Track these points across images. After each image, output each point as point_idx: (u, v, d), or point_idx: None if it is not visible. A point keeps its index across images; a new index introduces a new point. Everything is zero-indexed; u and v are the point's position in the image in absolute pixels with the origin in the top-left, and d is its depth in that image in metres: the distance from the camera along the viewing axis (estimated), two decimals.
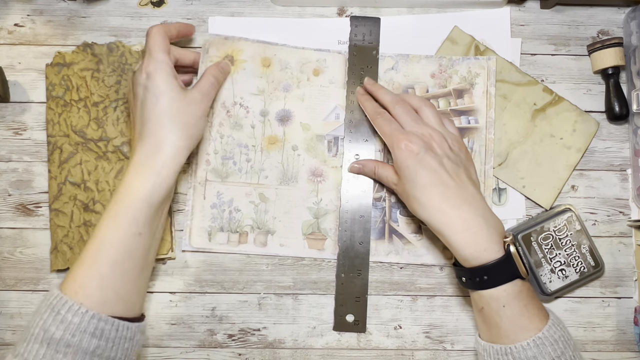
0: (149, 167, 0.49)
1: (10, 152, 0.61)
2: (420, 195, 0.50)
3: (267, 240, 0.59)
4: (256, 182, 0.60)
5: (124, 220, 0.48)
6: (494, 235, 0.49)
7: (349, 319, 0.59)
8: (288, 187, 0.60)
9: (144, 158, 0.50)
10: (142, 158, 0.50)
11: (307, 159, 0.60)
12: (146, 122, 0.50)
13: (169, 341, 0.59)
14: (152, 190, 0.49)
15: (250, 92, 0.60)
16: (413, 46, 0.62)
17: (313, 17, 0.63)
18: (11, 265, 0.60)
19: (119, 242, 0.48)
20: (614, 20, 0.63)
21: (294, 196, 0.59)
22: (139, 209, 0.48)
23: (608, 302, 0.60)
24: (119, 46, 0.60)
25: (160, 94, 0.50)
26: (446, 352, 0.59)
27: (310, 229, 0.59)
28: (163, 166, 0.50)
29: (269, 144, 0.60)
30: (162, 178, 0.49)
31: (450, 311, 0.60)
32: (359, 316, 0.59)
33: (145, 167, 0.49)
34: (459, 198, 0.50)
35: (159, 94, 0.50)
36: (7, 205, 0.60)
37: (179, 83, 0.52)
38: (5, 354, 0.58)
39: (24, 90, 0.61)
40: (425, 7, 0.63)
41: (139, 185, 0.49)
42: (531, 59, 0.63)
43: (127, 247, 0.48)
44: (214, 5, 0.63)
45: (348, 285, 0.59)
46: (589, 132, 0.61)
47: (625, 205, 0.61)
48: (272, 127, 0.60)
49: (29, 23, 0.62)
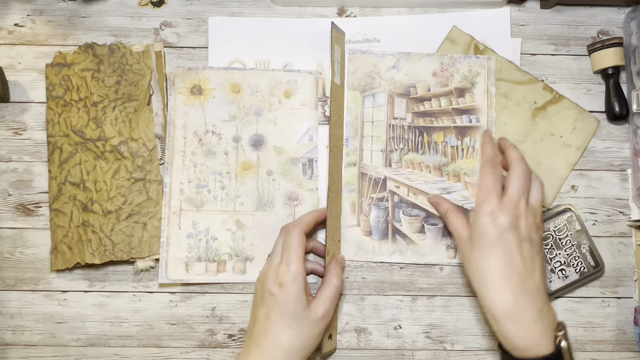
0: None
1: (10, 152, 0.61)
2: (485, 268, 0.48)
3: (246, 267, 0.59)
4: (232, 209, 0.59)
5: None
6: (547, 330, 0.47)
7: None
8: (264, 213, 0.59)
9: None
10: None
11: (283, 183, 0.60)
12: (263, 331, 0.50)
13: (169, 341, 0.59)
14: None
15: (222, 118, 0.60)
16: (413, 46, 0.62)
17: (313, 17, 0.63)
18: (11, 265, 0.60)
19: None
20: (614, 20, 0.63)
21: (271, 221, 0.59)
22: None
23: (608, 302, 0.60)
24: (120, 47, 0.60)
25: (287, 313, 0.50)
26: (446, 352, 0.59)
27: None
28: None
29: (243, 169, 0.60)
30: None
31: (450, 311, 0.60)
32: (332, 330, 0.58)
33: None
34: (522, 286, 0.48)
35: (285, 312, 0.50)
36: (7, 205, 0.60)
37: (307, 298, 0.51)
38: (5, 354, 0.58)
39: (24, 90, 0.61)
40: (425, 7, 0.63)
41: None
42: (531, 59, 0.63)
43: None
44: (214, 5, 0.63)
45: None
46: (589, 130, 0.61)
47: (625, 205, 0.61)
48: (246, 152, 0.60)
49: (29, 23, 0.62)
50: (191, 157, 0.60)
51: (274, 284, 0.50)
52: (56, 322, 0.59)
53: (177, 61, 0.62)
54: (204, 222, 0.59)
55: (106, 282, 0.60)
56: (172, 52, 0.62)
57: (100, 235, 0.57)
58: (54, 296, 0.59)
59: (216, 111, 0.60)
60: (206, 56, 0.62)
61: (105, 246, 0.57)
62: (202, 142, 0.60)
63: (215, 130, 0.60)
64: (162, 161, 0.60)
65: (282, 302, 0.50)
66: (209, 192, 0.59)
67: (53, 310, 0.59)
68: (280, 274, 0.51)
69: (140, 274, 0.60)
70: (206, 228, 0.59)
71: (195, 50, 0.62)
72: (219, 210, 0.59)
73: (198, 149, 0.60)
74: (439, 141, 0.61)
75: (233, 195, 0.59)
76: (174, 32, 0.62)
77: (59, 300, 0.59)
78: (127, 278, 0.60)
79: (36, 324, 0.59)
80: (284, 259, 0.51)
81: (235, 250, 0.59)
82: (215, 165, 0.60)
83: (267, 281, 0.51)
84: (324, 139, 0.61)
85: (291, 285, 0.50)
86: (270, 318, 0.50)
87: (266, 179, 0.60)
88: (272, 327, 0.50)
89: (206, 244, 0.59)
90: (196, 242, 0.59)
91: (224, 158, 0.60)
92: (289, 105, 0.61)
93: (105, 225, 0.57)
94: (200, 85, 0.60)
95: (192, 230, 0.59)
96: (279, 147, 0.60)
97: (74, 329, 0.59)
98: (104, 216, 0.58)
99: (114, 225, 0.58)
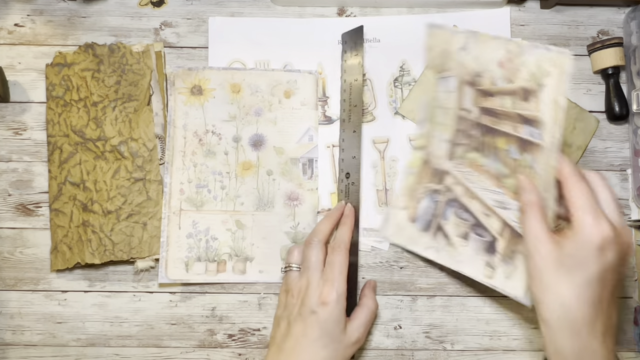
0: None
1: (10, 152, 0.61)
2: (568, 302, 0.42)
3: (246, 267, 0.59)
4: (232, 209, 0.59)
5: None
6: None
7: None
8: (264, 213, 0.59)
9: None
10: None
11: (283, 183, 0.60)
12: (298, 348, 0.50)
13: (169, 341, 0.59)
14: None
15: (222, 119, 0.60)
16: (413, 46, 0.62)
17: (313, 17, 0.63)
18: (11, 265, 0.60)
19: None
20: (614, 20, 0.63)
21: (271, 221, 0.59)
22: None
23: None
24: (120, 47, 0.60)
25: (325, 334, 0.50)
26: (446, 352, 0.59)
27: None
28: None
29: (243, 169, 0.60)
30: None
31: (450, 311, 0.60)
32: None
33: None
34: (603, 323, 0.43)
35: (324, 332, 0.50)
36: (7, 205, 0.60)
37: (345, 320, 0.51)
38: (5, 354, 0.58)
39: (24, 90, 0.61)
40: (425, 7, 0.63)
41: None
42: None
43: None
44: (214, 5, 0.63)
45: None
46: (589, 130, 0.61)
47: (625, 205, 0.61)
48: (246, 152, 0.60)
49: (29, 23, 0.62)
50: (191, 157, 0.60)
51: (316, 303, 0.50)
52: (56, 322, 0.59)
53: (177, 61, 0.62)
54: (204, 222, 0.59)
55: (106, 282, 0.60)
56: (172, 52, 0.62)
57: (100, 235, 0.57)
58: (54, 296, 0.59)
59: (216, 111, 0.60)
60: (206, 56, 0.62)
61: (105, 246, 0.57)
62: (202, 142, 0.60)
63: (215, 130, 0.60)
64: (162, 161, 0.60)
65: (324, 322, 0.49)
66: (209, 192, 0.59)
67: (53, 310, 0.59)
68: (324, 293, 0.50)
69: (140, 274, 0.60)
70: (206, 228, 0.59)
71: (195, 50, 0.62)
72: (219, 210, 0.59)
73: (198, 149, 0.60)
74: (501, 148, 0.51)
75: (233, 195, 0.59)
76: (174, 32, 0.62)
77: (59, 300, 0.59)
78: (127, 278, 0.60)
79: (36, 324, 0.59)
80: (329, 278, 0.51)
81: (235, 250, 0.59)
82: (215, 165, 0.60)
83: (309, 298, 0.50)
84: (324, 138, 0.61)
85: (334, 306, 0.50)
86: (308, 336, 0.50)
87: (266, 179, 0.60)
88: (309, 345, 0.49)
89: (206, 244, 0.59)
90: (196, 242, 0.59)
91: (224, 158, 0.60)
92: (289, 105, 0.61)
93: (105, 225, 0.58)
94: (200, 86, 0.60)
95: (192, 230, 0.59)
96: (279, 147, 0.60)
97: (74, 329, 0.59)
98: (104, 216, 0.58)
99: (114, 225, 0.58)
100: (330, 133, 0.61)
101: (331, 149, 0.61)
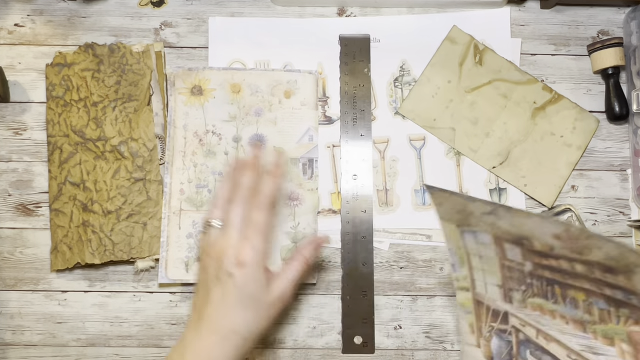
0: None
1: (10, 152, 0.61)
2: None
3: None
4: None
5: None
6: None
7: (356, 341, 0.58)
8: None
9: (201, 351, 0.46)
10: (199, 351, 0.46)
11: (283, 183, 0.60)
12: (218, 314, 0.46)
13: (169, 341, 0.59)
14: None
15: (222, 119, 0.60)
16: (413, 46, 0.62)
17: (313, 17, 0.63)
18: (11, 265, 0.60)
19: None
20: (614, 20, 0.63)
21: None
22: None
23: None
24: (120, 47, 0.60)
25: (245, 296, 0.46)
26: (446, 352, 0.59)
27: (289, 253, 0.58)
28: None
29: None
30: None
31: (451, 311, 0.60)
32: (367, 337, 0.58)
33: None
34: None
35: (244, 295, 0.46)
36: (7, 205, 0.60)
37: (266, 275, 0.47)
38: (5, 354, 0.58)
39: (24, 90, 0.61)
40: (425, 7, 0.63)
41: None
42: (531, 59, 0.63)
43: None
44: (214, 5, 0.63)
45: (354, 307, 0.58)
46: (589, 130, 0.61)
47: (625, 205, 0.61)
48: (246, 152, 0.60)
49: (29, 23, 0.62)
50: (191, 157, 0.60)
51: (233, 264, 0.46)
52: (56, 322, 0.59)
53: (177, 61, 0.62)
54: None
55: (106, 282, 0.60)
56: (172, 52, 0.62)
57: (100, 235, 0.57)
58: (54, 296, 0.59)
59: (216, 111, 0.60)
60: (206, 56, 0.62)
61: (105, 246, 0.57)
62: (202, 142, 0.60)
63: (215, 130, 0.60)
64: (162, 161, 0.60)
65: (242, 284, 0.46)
66: (209, 192, 0.59)
67: (53, 310, 0.59)
68: (242, 253, 0.46)
69: (140, 274, 0.60)
70: None
71: (195, 51, 0.62)
72: None
73: (198, 149, 0.60)
74: (579, 299, 0.42)
75: None
76: (174, 32, 0.63)
77: (59, 300, 0.59)
78: (127, 278, 0.60)
79: (36, 324, 0.59)
80: (247, 236, 0.47)
81: None
82: (216, 165, 0.60)
83: (226, 258, 0.46)
84: (323, 139, 0.61)
85: (252, 267, 0.46)
86: (227, 301, 0.46)
87: None
88: (229, 310, 0.46)
89: None
90: (196, 242, 0.58)
91: (224, 158, 0.60)
92: (289, 105, 0.61)
93: (105, 225, 0.58)
94: (200, 86, 0.60)
95: (192, 230, 0.59)
96: (279, 147, 0.60)
97: (74, 329, 0.59)
98: (104, 216, 0.58)
99: (114, 225, 0.58)
100: (331, 133, 0.61)
101: (331, 149, 0.61)
